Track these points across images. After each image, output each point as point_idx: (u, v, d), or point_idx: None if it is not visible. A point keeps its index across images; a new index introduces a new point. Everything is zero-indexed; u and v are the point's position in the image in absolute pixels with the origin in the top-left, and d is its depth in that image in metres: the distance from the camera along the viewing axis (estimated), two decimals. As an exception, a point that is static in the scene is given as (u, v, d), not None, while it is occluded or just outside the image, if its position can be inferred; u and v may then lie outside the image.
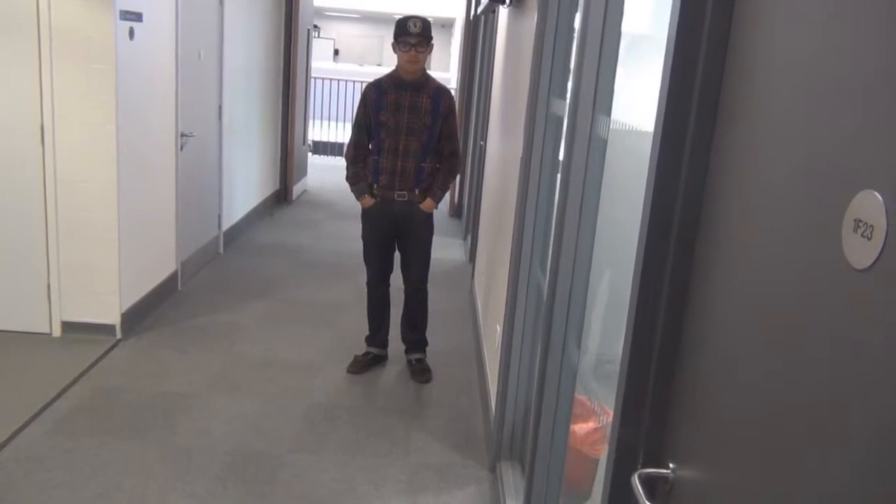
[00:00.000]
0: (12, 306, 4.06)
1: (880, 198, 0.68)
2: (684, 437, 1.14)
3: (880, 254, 0.68)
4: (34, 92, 3.83)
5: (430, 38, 3.72)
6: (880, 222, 0.68)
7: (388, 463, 3.18)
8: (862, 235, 0.70)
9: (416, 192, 3.80)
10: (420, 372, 4.01)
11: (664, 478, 1.17)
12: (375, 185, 3.81)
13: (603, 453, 1.78)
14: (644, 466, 1.22)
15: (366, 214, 3.90)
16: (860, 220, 0.71)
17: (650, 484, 1.16)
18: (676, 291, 1.14)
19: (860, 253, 0.71)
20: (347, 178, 3.87)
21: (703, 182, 1.09)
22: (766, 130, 0.92)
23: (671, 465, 1.17)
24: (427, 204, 3.82)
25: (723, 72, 1.06)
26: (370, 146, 3.83)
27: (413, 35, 3.65)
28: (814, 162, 0.81)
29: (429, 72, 3.88)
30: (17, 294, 4.05)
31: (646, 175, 1.15)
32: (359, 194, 3.85)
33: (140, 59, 4.13)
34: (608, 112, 1.92)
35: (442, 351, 4.29)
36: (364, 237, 3.97)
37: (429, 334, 4.13)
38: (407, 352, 4.11)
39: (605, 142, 1.92)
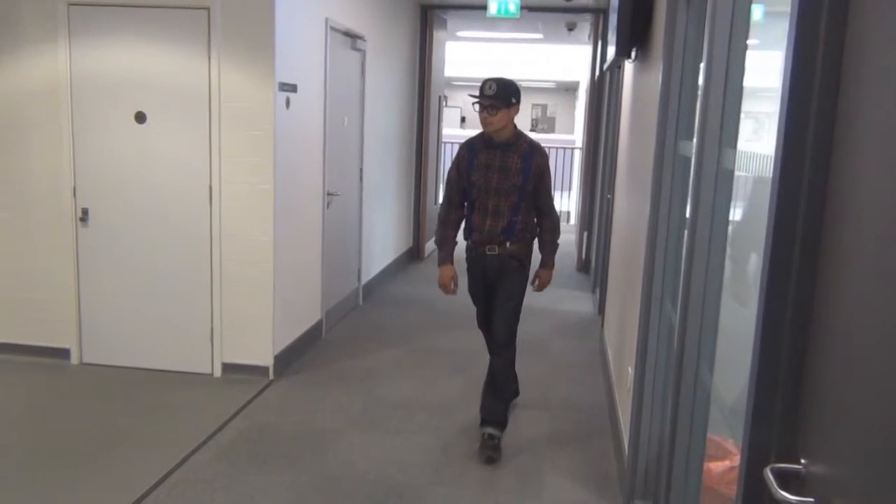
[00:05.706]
0: (181, 349, 4.52)
1: None
2: (815, 433, 1.17)
3: None
4: (205, 157, 4.34)
5: (508, 100, 3.53)
6: None
7: (522, 499, 3.26)
8: None
9: (507, 245, 3.69)
10: (490, 448, 3.59)
11: (796, 472, 1.21)
12: (469, 240, 3.81)
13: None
14: (776, 461, 1.27)
15: (468, 263, 3.88)
16: None
17: (782, 478, 1.18)
18: (803, 285, 1.20)
19: None
20: (436, 241, 3.90)
21: (825, 182, 1.18)
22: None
23: (803, 461, 1.20)
24: (545, 275, 3.82)
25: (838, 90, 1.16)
26: (465, 203, 3.80)
27: (486, 97, 3.51)
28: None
29: (552, 133, 3.97)
30: (185, 338, 4.51)
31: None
32: (440, 262, 3.83)
33: (294, 126, 4.58)
34: (734, 145, 2.02)
35: (573, 398, 4.34)
36: (468, 285, 3.97)
37: (560, 382, 4.18)
38: (482, 423, 3.72)
39: (731, 173, 2.01)
